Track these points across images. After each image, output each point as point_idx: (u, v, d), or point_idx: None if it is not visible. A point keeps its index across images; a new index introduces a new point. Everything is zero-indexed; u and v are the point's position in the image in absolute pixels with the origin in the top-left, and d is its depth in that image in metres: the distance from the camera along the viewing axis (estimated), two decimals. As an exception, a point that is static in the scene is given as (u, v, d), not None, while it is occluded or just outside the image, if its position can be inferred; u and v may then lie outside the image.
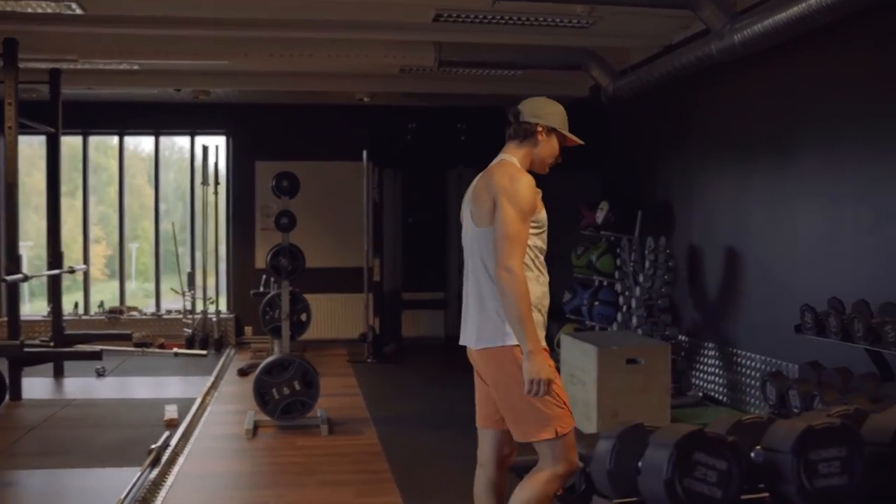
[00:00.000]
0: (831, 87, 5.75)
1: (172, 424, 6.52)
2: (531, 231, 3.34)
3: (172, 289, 11.05)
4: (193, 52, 7.86)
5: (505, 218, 3.25)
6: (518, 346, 3.22)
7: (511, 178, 3.33)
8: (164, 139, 11.58)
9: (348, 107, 10.85)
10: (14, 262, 7.62)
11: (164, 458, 5.53)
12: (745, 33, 5.60)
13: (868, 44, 5.38)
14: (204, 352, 10.16)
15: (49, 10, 6.54)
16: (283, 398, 6.51)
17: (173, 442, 5.94)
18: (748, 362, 6.67)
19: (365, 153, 10.11)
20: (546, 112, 3.52)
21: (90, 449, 5.98)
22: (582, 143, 3.56)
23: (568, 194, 7.76)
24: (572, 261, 8.98)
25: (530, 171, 3.49)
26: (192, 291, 10.82)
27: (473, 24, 7.08)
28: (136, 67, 8.46)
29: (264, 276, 9.85)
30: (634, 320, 7.47)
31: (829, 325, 5.07)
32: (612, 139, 9.53)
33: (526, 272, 3.27)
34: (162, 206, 11.46)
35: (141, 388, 8.45)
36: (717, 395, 7.16)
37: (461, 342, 3.55)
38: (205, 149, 10.80)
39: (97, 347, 8.01)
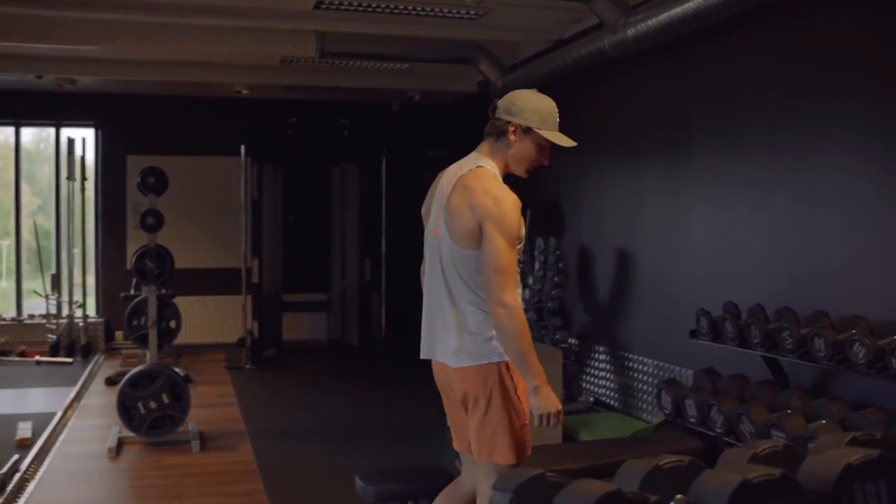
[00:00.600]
0: (726, 84, 5.60)
1: (25, 445, 5.92)
2: None
3: (35, 291, 10.32)
4: (56, 35, 7.18)
5: (496, 249, 2.97)
6: (503, 362, 3.08)
7: (496, 200, 3.00)
8: (39, 130, 10.80)
9: (226, 99, 10.26)
10: None
11: (11, 486, 4.98)
12: (639, 28, 5.44)
13: (764, 40, 5.24)
14: (69, 359, 9.57)
15: None
16: (151, 412, 6.04)
17: (24, 466, 5.38)
18: (641, 367, 6.51)
19: (243, 148, 9.65)
20: (522, 108, 3.13)
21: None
22: (574, 144, 3.17)
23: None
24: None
25: (507, 175, 3.17)
26: (57, 294, 10.11)
27: (357, 13, 6.73)
28: (-12, 51, 7.79)
29: (135, 279, 9.26)
30: (524, 323, 7.23)
31: (725, 330, 4.92)
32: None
33: None
34: (36, 202, 10.72)
35: (-6, 401, 7.75)
36: (609, 401, 6.98)
37: (426, 356, 3.27)
38: (70, 141, 10.09)
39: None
